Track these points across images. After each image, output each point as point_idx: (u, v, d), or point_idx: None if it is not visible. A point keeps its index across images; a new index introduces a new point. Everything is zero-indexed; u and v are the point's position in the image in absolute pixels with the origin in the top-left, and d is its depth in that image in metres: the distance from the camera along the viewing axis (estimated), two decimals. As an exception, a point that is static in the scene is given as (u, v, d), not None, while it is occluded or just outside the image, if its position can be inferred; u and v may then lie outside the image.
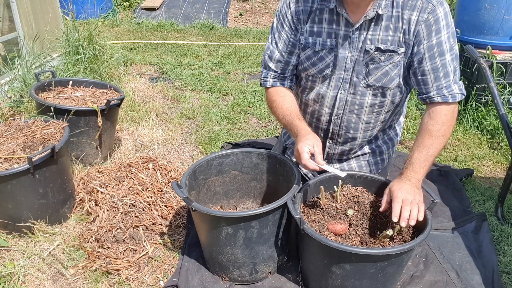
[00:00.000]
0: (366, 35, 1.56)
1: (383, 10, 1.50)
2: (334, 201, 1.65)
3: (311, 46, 1.65)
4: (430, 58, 1.50)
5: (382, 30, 1.54)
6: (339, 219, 1.57)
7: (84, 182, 2.16)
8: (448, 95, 1.52)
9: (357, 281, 1.42)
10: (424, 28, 1.49)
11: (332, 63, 1.65)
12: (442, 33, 1.48)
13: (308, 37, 1.64)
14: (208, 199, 1.85)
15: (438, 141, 1.51)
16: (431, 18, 1.47)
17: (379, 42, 1.55)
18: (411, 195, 1.43)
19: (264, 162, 1.83)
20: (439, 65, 1.51)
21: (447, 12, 1.48)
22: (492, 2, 3.01)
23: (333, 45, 1.62)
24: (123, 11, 6.59)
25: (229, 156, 1.82)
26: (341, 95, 1.69)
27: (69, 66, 3.31)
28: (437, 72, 1.51)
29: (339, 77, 1.67)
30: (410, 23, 1.50)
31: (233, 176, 1.87)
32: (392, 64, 1.58)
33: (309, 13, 1.62)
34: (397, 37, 1.54)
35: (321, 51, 1.64)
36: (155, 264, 1.77)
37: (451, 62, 1.51)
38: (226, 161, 1.82)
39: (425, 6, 1.47)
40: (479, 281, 1.70)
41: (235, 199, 1.93)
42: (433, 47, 1.49)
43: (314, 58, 1.66)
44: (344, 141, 1.82)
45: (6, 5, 3.22)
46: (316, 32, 1.63)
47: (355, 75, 1.64)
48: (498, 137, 2.86)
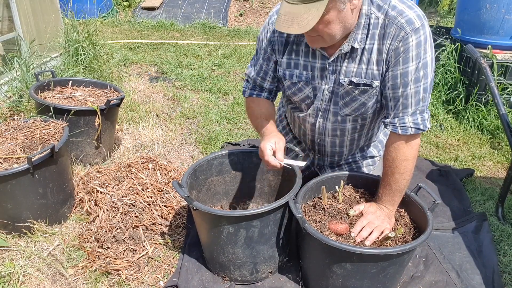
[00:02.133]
0: (341, 67, 1.54)
1: (359, 44, 1.46)
2: (335, 201, 1.65)
3: (289, 78, 1.65)
4: (393, 87, 1.46)
5: (357, 63, 1.51)
6: (340, 219, 1.57)
7: (84, 182, 2.16)
8: (399, 126, 1.48)
9: (358, 281, 1.42)
10: (392, 57, 1.43)
11: (312, 94, 1.65)
12: (409, 63, 1.40)
13: (286, 68, 1.64)
14: (208, 199, 1.84)
15: (395, 177, 1.50)
16: (401, 46, 1.39)
17: (353, 75, 1.52)
18: (380, 221, 1.52)
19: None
20: (400, 95, 1.46)
21: (421, 40, 1.38)
22: (492, 2, 3.00)
23: (309, 78, 1.61)
24: (123, 10, 6.58)
25: (229, 156, 1.82)
26: (320, 123, 1.72)
27: (68, 66, 3.31)
28: (397, 101, 1.47)
29: (316, 107, 1.67)
30: (382, 52, 1.45)
31: (233, 176, 1.86)
32: (368, 96, 1.56)
33: (285, 44, 1.61)
34: (370, 70, 1.49)
35: (298, 83, 1.64)
36: (155, 264, 1.77)
37: (415, 95, 1.44)
38: (226, 161, 1.82)
39: (397, 34, 1.38)
40: (479, 281, 1.70)
41: (236, 199, 1.92)
42: (397, 77, 1.44)
43: (293, 89, 1.68)
44: (331, 155, 1.87)
45: (5, 5, 3.21)
46: (293, 64, 1.62)
47: (332, 105, 1.64)
48: (499, 137, 2.85)
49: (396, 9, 1.40)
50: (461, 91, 3.16)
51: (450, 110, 3.20)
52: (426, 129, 1.48)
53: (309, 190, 1.64)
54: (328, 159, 1.90)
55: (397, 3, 1.41)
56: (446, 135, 2.96)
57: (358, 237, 1.48)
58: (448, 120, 3.11)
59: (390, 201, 1.55)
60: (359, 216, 1.57)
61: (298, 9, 1.27)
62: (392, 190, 1.53)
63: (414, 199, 1.58)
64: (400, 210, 1.62)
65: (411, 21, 1.37)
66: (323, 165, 1.95)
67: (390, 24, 1.40)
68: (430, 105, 3.26)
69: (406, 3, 1.42)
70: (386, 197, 1.55)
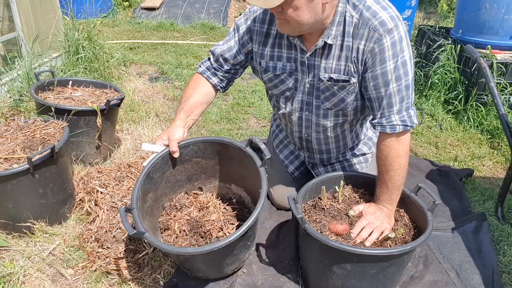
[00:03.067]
0: (320, 63, 1.56)
1: (332, 41, 1.48)
2: (335, 201, 1.65)
3: (272, 70, 1.67)
4: (375, 87, 1.48)
5: (335, 59, 1.53)
6: (340, 220, 1.57)
7: (84, 182, 2.16)
8: (387, 125, 1.50)
9: (358, 282, 1.42)
10: (369, 58, 1.45)
11: (293, 85, 1.68)
12: (387, 63, 1.42)
13: (269, 61, 1.66)
14: (169, 189, 1.80)
15: (390, 175, 1.52)
16: (376, 47, 1.41)
17: (332, 71, 1.55)
18: (379, 221, 1.53)
19: (227, 150, 1.77)
20: (383, 94, 1.47)
21: (396, 40, 1.40)
22: (492, 2, 3.01)
23: (293, 69, 1.64)
24: (123, 10, 6.59)
25: (188, 147, 1.76)
26: (306, 116, 1.74)
27: (69, 66, 3.31)
28: (381, 101, 1.49)
29: (300, 100, 1.70)
30: (358, 52, 1.47)
31: (195, 163, 1.83)
32: (346, 92, 1.58)
33: (265, 36, 1.63)
34: (348, 67, 1.52)
35: (281, 75, 1.66)
36: (155, 264, 1.77)
37: (397, 93, 1.46)
38: (185, 151, 1.76)
39: (372, 35, 1.40)
40: (479, 281, 1.70)
41: (200, 180, 1.89)
42: (377, 77, 1.46)
43: (275, 81, 1.70)
44: (319, 152, 1.90)
45: (6, 5, 3.21)
46: (277, 56, 1.64)
47: (315, 99, 1.67)
48: (498, 137, 2.86)
49: (370, 10, 1.41)
50: (461, 91, 3.16)
51: (449, 110, 3.21)
52: (414, 125, 1.50)
53: (309, 190, 1.64)
54: (318, 156, 1.93)
55: (372, 3, 1.42)
56: (445, 135, 2.96)
57: (358, 238, 1.49)
58: (448, 120, 3.12)
59: (388, 200, 1.55)
60: (358, 217, 1.58)
61: None
62: (389, 188, 1.53)
63: (414, 199, 1.58)
64: (400, 210, 1.63)
65: (384, 23, 1.39)
66: (314, 163, 1.98)
67: (364, 25, 1.42)
68: (430, 105, 3.27)
69: (381, 3, 1.43)
70: (383, 196, 1.56)
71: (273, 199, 2.11)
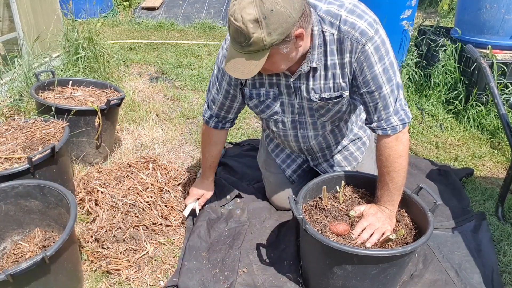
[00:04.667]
0: (307, 85, 1.56)
1: (317, 64, 1.48)
2: (336, 201, 1.65)
3: (256, 97, 1.68)
4: (368, 92, 1.48)
5: (322, 79, 1.54)
6: (341, 220, 1.57)
7: (84, 182, 2.16)
8: (388, 128, 1.50)
9: (358, 282, 1.42)
10: (357, 66, 1.46)
11: (280, 109, 1.69)
12: (375, 67, 1.43)
13: (252, 88, 1.66)
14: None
15: (391, 176, 1.52)
16: (361, 56, 1.42)
17: (322, 91, 1.56)
18: (380, 222, 1.53)
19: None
20: (377, 97, 1.48)
21: (378, 44, 1.41)
22: (492, 2, 3.01)
23: (277, 94, 1.64)
24: (123, 10, 6.58)
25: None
26: (302, 133, 1.77)
27: (69, 66, 3.31)
28: (376, 104, 1.49)
29: (293, 120, 1.72)
30: (345, 65, 1.48)
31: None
32: (341, 105, 1.61)
33: None
34: (337, 84, 1.53)
35: (266, 100, 1.67)
36: (155, 264, 1.78)
37: (391, 94, 1.47)
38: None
39: (355, 47, 1.41)
40: (478, 280, 1.70)
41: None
42: (368, 82, 1.46)
43: (261, 106, 1.71)
44: (321, 151, 1.91)
45: (6, 4, 3.21)
46: (258, 83, 1.64)
47: (309, 117, 1.69)
48: (499, 137, 2.86)
49: (347, 23, 1.40)
50: (461, 91, 3.16)
51: (450, 110, 3.20)
52: (410, 120, 1.53)
53: (309, 190, 1.64)
54: (320, 155, 1.95)
55: (348, 16, 1.41)
56: (446, 135, 2.96)
57: (359, 239, 1.49)
58: (448, 120, 3.12)
59: (389, 201, 1.55)
60: (359, 217, 1.57)
61: (241, 58, 1.31)
62: (390, 190, 1.53)
63: (415, 200, 1.58)
64: (401, 210, 1.63)
65: (364, 32, 1.39)
66: (318, 162, 2.00)
67: (346, 39, 1.42)
68: (430, 105, 3.26)
69: (356, 12, 1.42)
70: (385, 197, 1.56)
71: (273, 202, 2.11)
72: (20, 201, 1.68)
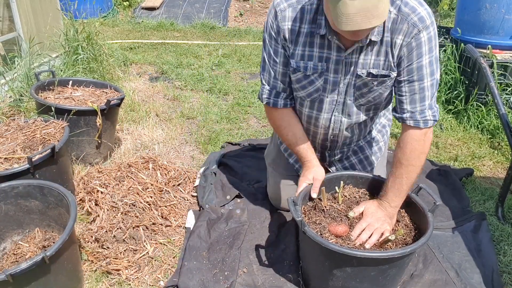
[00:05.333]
0: (358, 59, 1.54)
1: (376, 37, 1.47)
2: (335, 202, 1.65)
3: (302, 70, 1.62)
4: (409, 81, 1.49)
5: (373, 54, 1.53)
6: (340, 221, 1.56)
7: (84, 182, 2.16)
8: (421, 120, 1.50)
9: (358, 284, 1.42)
10: (405, 52, 1.46)
11: (322, 87, 1.64)
12: (423, 57, 1.45)
13: (299, 60, 1.61)
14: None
15: (409, 169, 1.50)
16: (413, 42, 1.44)
17: (370, 66, 1.54)
18: (380, 222, 1.51)
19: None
20: (417, 88, 1.49)
21: (431, 36, 1.44)
22: (492, 2, 3.01)
23: (324, 69, 1.60)
24: (123, 10, 6.58)
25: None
26: (335, 117, 1.71)
27: (68, 66, 3.31)
28: (414, 95, 1.50)
29: (332, 100, 1.66)
30: (395, 46, 1.48)
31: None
32: (385, 87, 1.58)
33: (297, 34, 1.58)
34: (388, 62, 1.52)
35: (312, 75, 1.62)
36: (155, 264, 1.78)
37: (430, 88, 1.48)
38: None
39: (410, 31, 1.42)
40: (478, 280, 1.70)
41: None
42: (413, 71, 1.47)
43: (304, 82, 1.65)
44: (342, 146, 1.87)
45: (6, 4, 3.21)
46: (308, 55, 1.60)
47: (348, 98, 1.64)
48: (499, 137, 2.86)
49: (408, 5, 1.42)
50: (461, 91, 3.16)
51: (450, 110, 3.20)
52: (437, 121, 1.54)
53: (309, 192, 1.64)
54: (338, 152, 1.90)
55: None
56: (446, 135, 2.96)
57: (357, 241, 1.48)
58: (448, 120, 3.12)
59: (396, 196, 1.53)
60: (359, 218, 1.57)
61: (372, 2, 1.26)
62: (402, 184, 1.51)
63: (415, 199, 1.58)
64: (401, 210, 1.62)
65: (423, 19, 1.42)
66: (333, 159, 1.94)
67: (403, 20, 1.43)
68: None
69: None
70: (393, 191, 1.53)
71: (273, 202, 2.09)
72: (20, 201, 1.68)
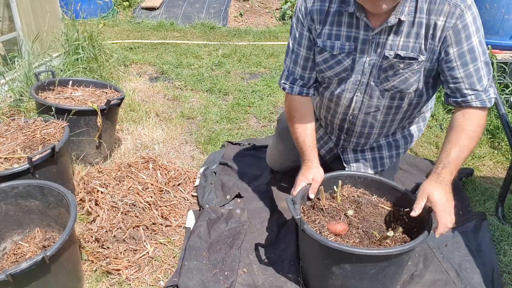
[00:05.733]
0: (386, 40, 1.51)
1: (406, 17, 1.44)
2: (334, 201, 1.65)
3: (329, 50, 1.60)
4: (463, 65, 1.44)
5: (403, 36, 1.49)
6: (339, 220, 1.57)
7: (84, 182, 2.16)
8: (486, 99, 1.46)
9: (358, 282, 1.42)
10: (452, 35, 1.42)
11: (350, 66, 1.61)
12: (472, 38, 1.41)
13: (326, 40, 1.59)
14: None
15: (473, 142, 1.44)
16: (459, 23, 1.39)
17: (399, 48, 1.51)
18: (450, 205, 1.42)
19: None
20: (472, 71, 1.45)
21: (475, 16, 1.41)
22: (492, 2, 3.01)
23: (352, 49, 1.57)
24: (123, 10, 6.58)
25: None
26: (357, 98, 1.67)
27: (68, 66, 3.31)
28: (471, 78, 1.45)
29: (355, 80, 1.63)
30: (436, 28, 1.43)
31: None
32: (411, 71, 1.53)
33: (326, 14, 1.57)
34: (418, 44, 1.48)
35: (339, 55, 1.59)
36: (155, 264, 1.78)
37: (484, 67, 1.45)
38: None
39: (453, 11, 1.39)
40: (478, 280, 1.70)
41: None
42: (464, 54, 1.43)
43: (331, 62, 1.62)
44: (359, 135, 1.82)
45: (6, 4, 3.21)
46: (335, 35, 1.58)
47: (373, 79, 1.60)
48: (499, 137, 2.85)
49: None
50: (461, 91, 3.16)
51: (450, 110, 3.20)
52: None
53: (307, 192, 1.64)
54: (354, 141, 1.86)
55: None
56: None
57: (444, 229, 1.39)
58: (448, 120, 3.12)
59: (455, 169, 1.44)
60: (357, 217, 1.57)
61: None
62: (465, 155, 1.44)
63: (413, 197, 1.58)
64: (400, 209, 1.63)
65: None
66: (346, 147, 1.91)
67: (442, 1, 1.41)
68: (430, 105, 3.26)
69: None
70: (454, 164, 1.43)
71: (270, 163, 2.23)
72: (20, 201, 1.68)
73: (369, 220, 1.59)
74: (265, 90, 3.61)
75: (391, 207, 1.65)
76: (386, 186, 1.68)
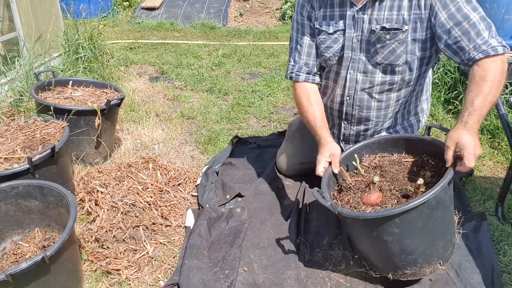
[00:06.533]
0: (371, 15, 1.62)
1: None
2: (358, 176, 1.64)
3: (325, 29, 1.72)
4: (456, 25, 1.51)
5: (386, 10, 1.60)
6: (370, 190, 1.55)
7: (84, 182, 2.17)
8: (488, 49, 1.47)
9: (413, 240, 1.39)
10: (436, 1, 1.51)
11: (343, 44, 1.72)
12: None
13: (322, 21, 1.73)
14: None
15: (495, 86, 1.42)
16: None
17: (384, 21, 1.61)
18: (479, 151, 1.39)
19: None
20: (467, 27, 1.50)
21: None
22: (492, 2, 3.01)
23: (345, 26, 1.69)
24: (123, 10, 6.59)
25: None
26: (351, 75, 1.76)
27: (69, 66, 3.31)
28: (468, 34, 1.50)
29: (347, 57, 1.73)
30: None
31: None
32: (397, 42, 1.63)
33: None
34: (401, 16, 1.58)
35: (334, 33, 1.71)
36: (155, 264, 1.78)
37: (480, 21, 1.49)
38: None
39: None
40: (478, 280, 1.70)
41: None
42: (454, 15, 1.50)
43: (329, 41, 1.74)
44: (358, 121, 1.88)
45: (6, 4, 3.22)
46: (329, 16, 1.71)
47: (363, 54, 1.70)
48: (499, 137, 2.85)
49: None
50: (461, 91, 3.16)
51: (450, 110, 3.20)
52: (507, 51, 1.49)
53: (331, 174, 1.63)
54: (355, 129, 1.91)
55: None
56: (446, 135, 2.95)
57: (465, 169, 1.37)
58: (448, 120, 3.12)
59: (481, 116, 1.42)
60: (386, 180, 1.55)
61: None
62: (488, 101, 1.42)
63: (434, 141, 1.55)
64: (423, 155, 1.60)
65: None
66: (348, 138, 1.96)
67: None
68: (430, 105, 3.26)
69: None
70: (479, 111, 1.41)
71: (279, 165, 2.25)
72: (20, 201, 1.68)
73: (398, 178, 1.57)
74: (265, 90, 3.61)
75: (414, 158, 1.62)
76: (400, 141, 1.67)
